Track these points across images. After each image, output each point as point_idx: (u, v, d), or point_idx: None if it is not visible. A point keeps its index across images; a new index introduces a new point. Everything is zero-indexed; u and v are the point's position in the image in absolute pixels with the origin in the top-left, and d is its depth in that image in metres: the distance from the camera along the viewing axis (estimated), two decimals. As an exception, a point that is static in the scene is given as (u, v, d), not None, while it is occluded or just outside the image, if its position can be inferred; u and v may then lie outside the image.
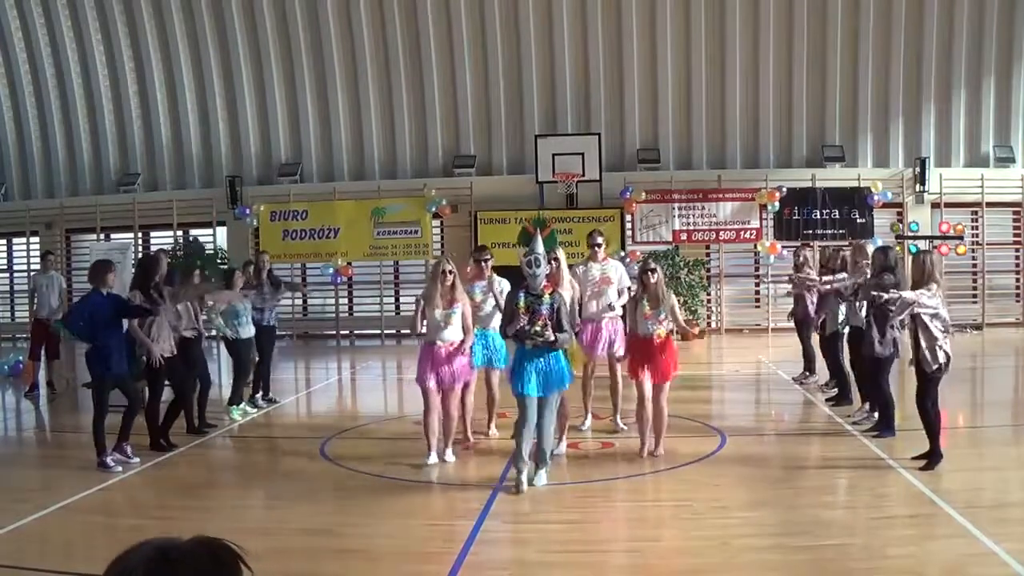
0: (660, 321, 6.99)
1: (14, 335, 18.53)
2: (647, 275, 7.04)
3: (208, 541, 1.28)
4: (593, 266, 8.20)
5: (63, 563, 4.87)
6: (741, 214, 17.39)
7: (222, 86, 18.82)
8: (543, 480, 6.26)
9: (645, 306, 6.99)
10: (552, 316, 6.21)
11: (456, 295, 6.98)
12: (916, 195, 17.29)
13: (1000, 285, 17.86)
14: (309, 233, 18.03)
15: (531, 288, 6.31)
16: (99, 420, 6.98)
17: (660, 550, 4.88)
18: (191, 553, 1.25)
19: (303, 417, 10.30)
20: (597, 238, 8.33)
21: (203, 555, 1.26)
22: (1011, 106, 17.51)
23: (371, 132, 18.61)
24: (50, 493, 6.20)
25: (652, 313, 6.97)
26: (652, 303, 6.98)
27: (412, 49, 18.20)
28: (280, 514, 5.86)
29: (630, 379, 7.23)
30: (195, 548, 1.26)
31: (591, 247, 8.32)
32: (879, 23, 17.35)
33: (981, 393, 11.04)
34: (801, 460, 6.99)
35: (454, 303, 6.95)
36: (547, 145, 17.19)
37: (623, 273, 8.39)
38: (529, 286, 6.32)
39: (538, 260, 6.35)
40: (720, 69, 17.82)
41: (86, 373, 7.63)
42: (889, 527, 5.11)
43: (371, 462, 7.15)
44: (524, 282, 6.39)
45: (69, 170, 19.71)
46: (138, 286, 7.52)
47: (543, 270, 6.42)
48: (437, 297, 6.92)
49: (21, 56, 19.25)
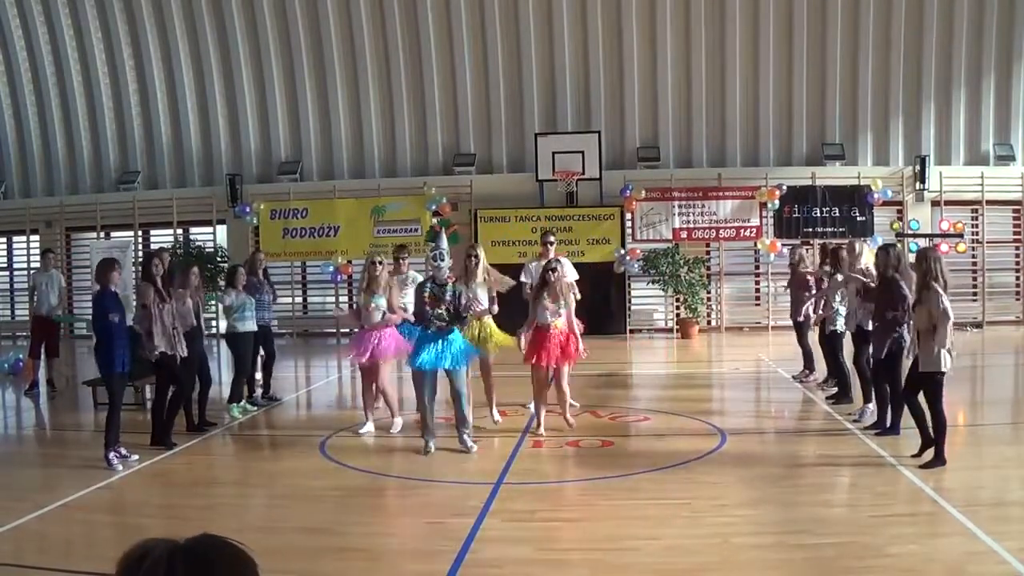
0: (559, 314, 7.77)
1: (14, 333, 18.54)
2: (549, 273, 7.82)
3: (216, 538, 1.29)
4: (543, 262, 8.85)
5: (63, 562, 4.87)
6: (741, 212, 17.38)
7: (222, 84, 18.82)
8: (469, 443, 7.28)
9: (546, 300, 7.75)
10: (454, 303, 7.21)
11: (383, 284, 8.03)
12: (916, 193, 17.29)
13: (1000, 283, 17.87)
14: (309, 231, 18.04)
15: (436, 279, 7.29)
16: (115, 415, 7.04)
17: (660, 548, 4.87)
18: (202, 549, 1.26)
19: (303, 415, 10.30)
20: (549, 237, 9.30)
21: (212, 552, 1.27)
22: (1011, 104, 17.51)
23: (371, 130, 18.60)
24: (50, 491, 6.19)
25: (553, 307, 7.74)
26: (552, 298, 7.75)
27: (412, 47, 18.19)
28: (280, 512, 5.86)
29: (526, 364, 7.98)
30: (205, 544, 1.27)
31: (543, 244, 9.20)
32: (879, 21, 17.35)
33: (981, 391, 11.04)
34: (801, 458, 6.99)
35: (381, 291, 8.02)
36: (547, 143, 17.19)
37: (570, 270, 8.95)
38: (435, 277, 7.33)
39: (442, 255, 7.30)
40: (720, 67, 17.81)
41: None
42: (889, 525, 5.11)
43: (371, 460, 7.16)
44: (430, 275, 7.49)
45: (69, 168, 19.71)
46: (148, 279, 7.61)
47: (446, 263, 7.34)
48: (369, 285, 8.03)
49: (21, 55, 19.25)
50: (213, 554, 1.26)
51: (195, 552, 1.24)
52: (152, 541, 1.25)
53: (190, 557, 1.23)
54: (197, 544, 1.26)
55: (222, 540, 1.29)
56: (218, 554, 1.26)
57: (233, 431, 8.58)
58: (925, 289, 6.56)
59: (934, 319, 6.43)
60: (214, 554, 1.26)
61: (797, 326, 10.74)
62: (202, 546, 1.26)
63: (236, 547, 1.29)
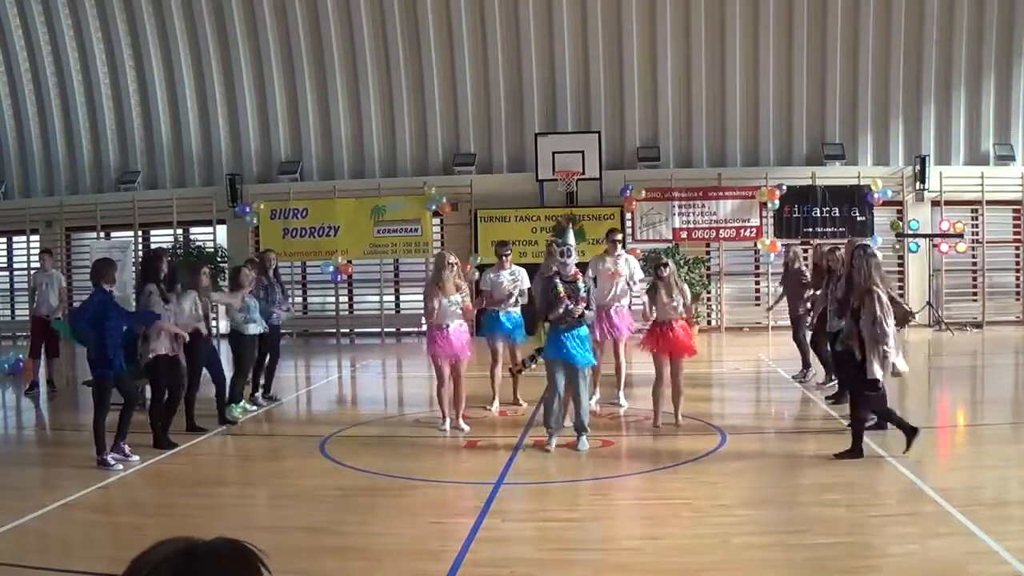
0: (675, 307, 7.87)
1: (14, 333, 18.54)
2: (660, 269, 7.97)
3: (231, 541, 1.28)
4: (608, 259, 9.25)
5: (63, 561, 4.87)
6: (741, 212, 17.39)
7: (222, 84, 18.82)
8: (586, 445, 7.13)
9: (663, 294, 7.85)
10: (587, 298, 7.22)
11: (460, 283, 7.98)
12: (916, 193, 17.29)
13: (1000, 283, 17.87)
14: (309, 231, 18.04)
15: (563, 275, 7.27)
16: (100, 418, 6.99)
17: (660, 548, 4.87)
18: (216, 551, 1.25)
19: (303, 415, 10.30)
20: (616, 235, 9.50)
21: (227, 553, 1.26)
22: (1011, 104, 17.51)
23: (371, 130, 18.60)
24: (50, 491, 6.19)
25: (668, 301, 7.84)
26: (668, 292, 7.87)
27: (412, 47, 18.19)
28: (280, 512, 5.86)
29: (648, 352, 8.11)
30: (219, 547, 1.26)
31: (609, 242, 9.46)
32: (879, 21, 17.35)
33: (981, 391, 11.05)
34: (801, 458, 6.98)
35: (459, 290, 7.93)
36: (547, 143, 17.19)
37: (636, 267, 9.55)
38: (561, 274, 7.30)
39: (570, 250, 7.39)
40: (720, 67, 17.81)
41: (86, 371, 7.64)
42: (889, 525, 5.11)
43: (371, 460, 7.15)
44: (553, 271, 7.47)
45: (69, 168, 19.72)
46: (153, 280, 7.61)
47: (574, 259, 7.40)
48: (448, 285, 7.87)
49: (21, 55, 19.25)
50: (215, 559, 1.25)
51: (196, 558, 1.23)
52: (158, 548, 1.24)
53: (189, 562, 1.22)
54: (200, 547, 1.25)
55: (232, 544, 1.27)
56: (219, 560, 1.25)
57: (233, 431, 8.57)
58: (866, 294, 6.45)
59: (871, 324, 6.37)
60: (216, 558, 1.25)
61: (794, 323, 10.74)
62: (204, 549, 1.25)
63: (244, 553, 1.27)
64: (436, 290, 7.91)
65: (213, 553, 1.24)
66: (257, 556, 1.27)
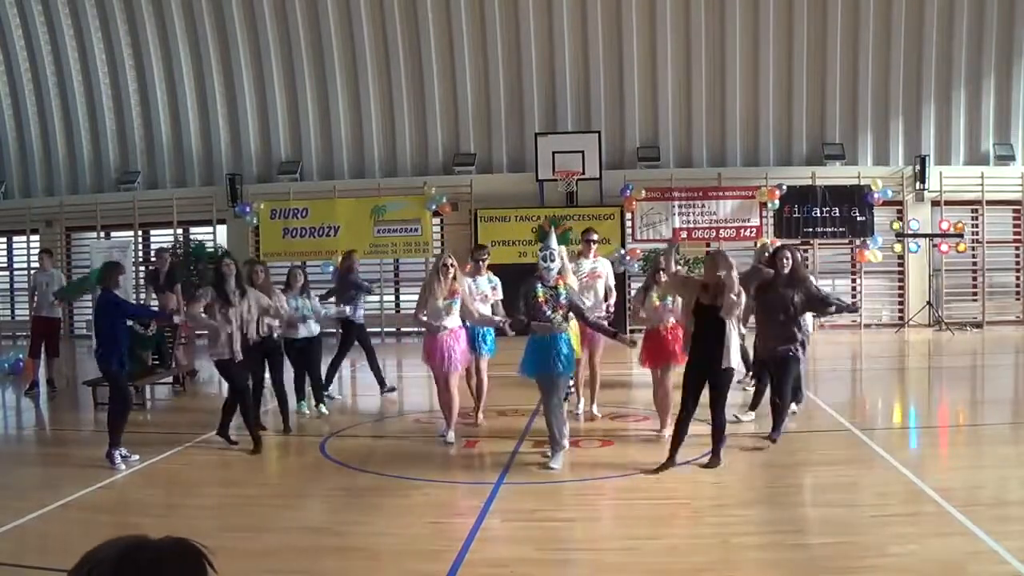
0: (668, 310, 7.47)
1: (14, 333, 18.53)
2: (659, 274, 7.51)
3: (176, 540, 1.30)
4: (584, 262, 8.68)
5: (63, 561, 4.82)
6: (741, 212, 17.38)
7: (222, 84, 18.82)
8: (559, 463, 6.65)
9: (654, 298, 7.48)
10: (567, 305, 6.79)
11: (456, 287, 7.52)
12: (916, 193, 17.29)
13: (1000, 283, 17.87)
14: (309, 231, 18.05)
15: (545, 280, 6.79)
16: (123, 411, 7.06)
17: (659, 548, 4.87)
18: (159, 550, 1.26)
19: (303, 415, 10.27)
20: (592, 235, 8.89)
21: (171, 553, 1.27)
22: (1011, 104, 17.51)
23: (371, 130, 18.60)
24: (50, 491, 6.19)
25: (660, 304, 7.47)
26: (661, 295, 7.48)
27: (412, 47, 18.19)
28: (280, 512, 5.85)
29: (643, 367, 7.80)
30: (164, 546, 1.27)
31: (585, 243, 8.84)
32: (879, 21, 17.35)
33: (981, 391, 11.05)
34: (801, 458, 6.99)
35: (454, 294, 7.51)
36: (547, 143, 17.19)
37: (610, 271, 8.93)
38: (543, 278, 6.80)
39: (553, 255, 6.81)
40: (720, 67, 17.81)
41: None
42: (889, 525, 5.11)
43: (371, 460, 7.16)
44: (536, 275, 6.86)
45: (69, 168, 19.72)
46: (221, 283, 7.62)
47: (557, 264, 6.85)
48: (439, 289, 7.47)
49: (21, 55, 19.25)
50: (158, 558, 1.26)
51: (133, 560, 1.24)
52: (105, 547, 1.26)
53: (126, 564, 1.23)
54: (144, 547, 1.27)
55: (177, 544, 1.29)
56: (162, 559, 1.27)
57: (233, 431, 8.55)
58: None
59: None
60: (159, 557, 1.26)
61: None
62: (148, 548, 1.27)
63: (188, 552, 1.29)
64: (427, 292, 7.63)
65: (157, 552, 1.25)
66: (203, 555, 1.28)
